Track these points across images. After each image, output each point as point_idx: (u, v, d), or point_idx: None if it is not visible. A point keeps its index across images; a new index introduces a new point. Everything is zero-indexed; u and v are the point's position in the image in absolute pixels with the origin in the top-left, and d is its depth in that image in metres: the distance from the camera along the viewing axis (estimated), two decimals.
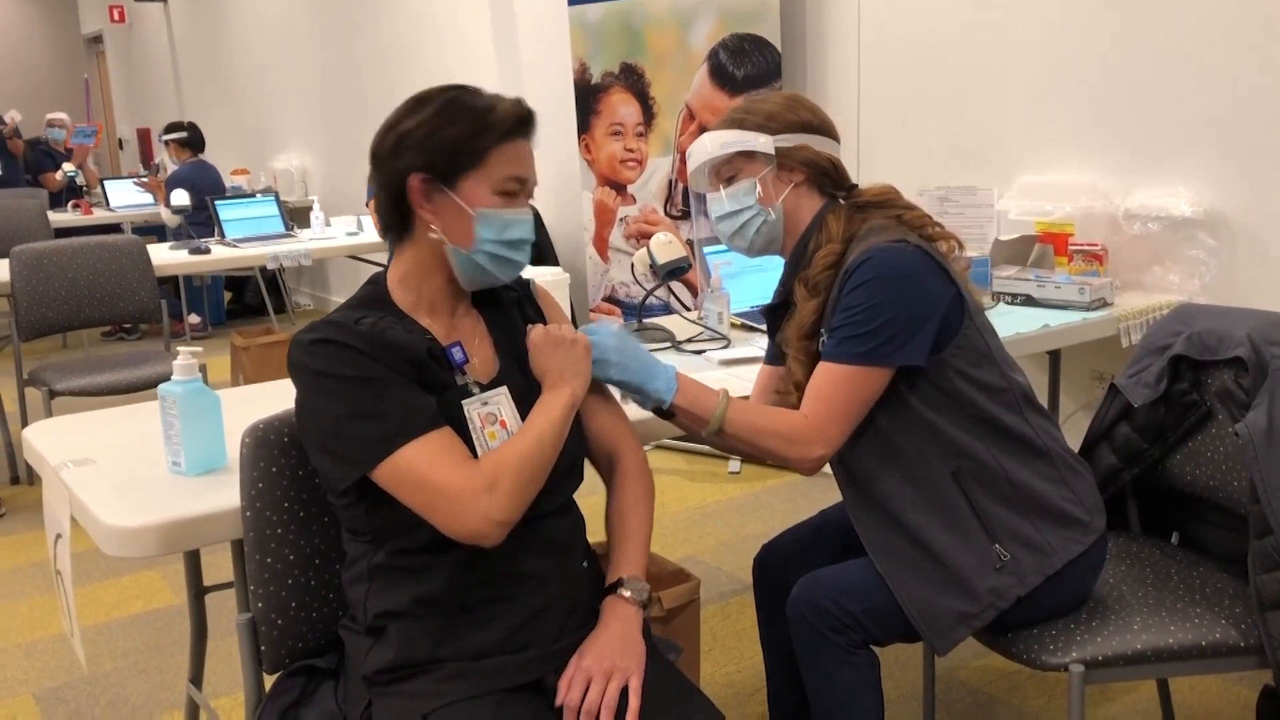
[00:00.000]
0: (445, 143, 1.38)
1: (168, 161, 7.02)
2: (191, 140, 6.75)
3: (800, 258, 1.72)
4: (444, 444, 1.33)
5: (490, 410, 1.42)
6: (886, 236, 1.62)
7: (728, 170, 1.74)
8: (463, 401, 1.39)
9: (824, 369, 1.61)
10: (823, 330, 1.65)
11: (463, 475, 1.30)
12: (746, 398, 1.91)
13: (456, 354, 1.42)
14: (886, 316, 1.55)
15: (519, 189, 1.43)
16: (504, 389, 1.44)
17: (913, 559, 1.64)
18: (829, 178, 1.73)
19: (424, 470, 1.30)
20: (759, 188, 1.70)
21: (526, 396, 1.46)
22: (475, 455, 1.37)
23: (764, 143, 1.69)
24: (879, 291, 1.57)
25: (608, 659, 1.38)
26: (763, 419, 1.60)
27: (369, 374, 1.33)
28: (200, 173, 6.61)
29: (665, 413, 1.63)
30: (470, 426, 1.39)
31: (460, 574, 1.37)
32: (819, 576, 1.70)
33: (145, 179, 7.26)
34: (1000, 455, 1.65)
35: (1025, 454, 1.67)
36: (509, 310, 1.54)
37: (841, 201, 1.73)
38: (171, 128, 6.85)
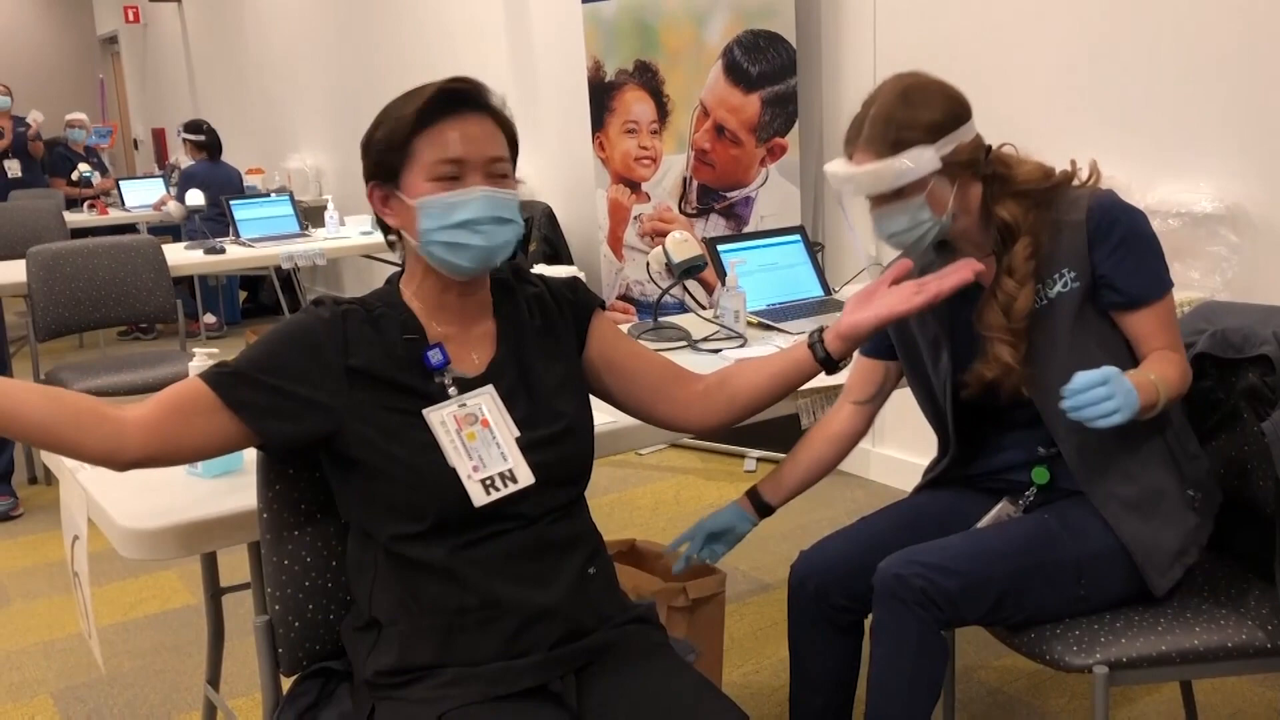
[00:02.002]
0: (379, 145, 1.41)
1: (183, 158, 7.03)
2: (209, 144, 6.74)
3: (1000, 248, 1.71)
4: (179, 392, 1.34)
5: (470, 411, 1.41)
6: (1090, 191, 1.70)
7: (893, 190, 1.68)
8: (424, 410, 1.39)
9: (1152, 310, 1.68)
10: (1062, 275, 1.68)
11: (133, 410, 1.32)
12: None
13: (434, 356, 1.41)
14: (1156, 237, 1.68)
15: (456, 171, 1.40)
16: (489, 388, 1.43)
17: (1133, 501, 1.69)
18: (980, 160, 1.71)
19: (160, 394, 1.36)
20: (929, 202, 1.66)
21: (520, 396, 1.45)
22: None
23: (929, 159, 1.63)
24: (1140, 225, 1.66)
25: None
26: (1171, 379, 1.64)
27: (292, 343, 1.38)
28: (211, 171, 6.62)
29: None
30: (434, 431, 1.38)
31: (456, 571, 1.37)
32: (914, 553, 1.67)
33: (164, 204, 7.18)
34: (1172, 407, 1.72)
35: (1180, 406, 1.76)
36: (520, 306, 1.52)
37: (988, 180, 1.71)
38: (192, 127, 6.83)
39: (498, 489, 1.38)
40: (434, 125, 1.39)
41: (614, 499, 3.79)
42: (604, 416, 1.85)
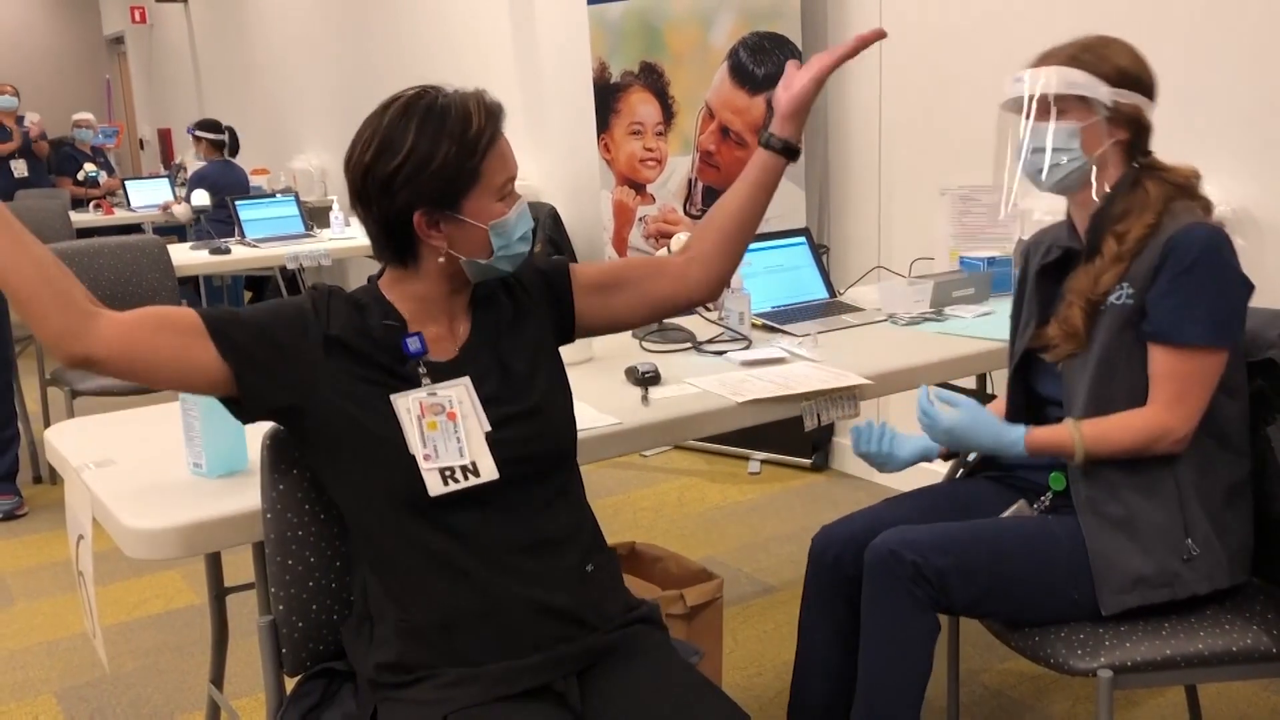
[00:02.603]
0: (438, 172, 1.36)
1: (191, 158, 7.02)
2: (224, 143, 6.70)
3: (1104, 213, 1.71)
4: (164, 309, 1.35)
5: (438, 400, 1.41)
6: (1200, 219, 1.65)
7: (1057, 104, 1.71)
8: (391, 396, 1.40)
9: (1170, 352, 1.63)
10: (1120, 288, 1.67)
11: (110, 311, 1.32)
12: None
13: (412, 344, 1.42)
14: (1233, 295, 1.64)
15: (511, 187, 1.43)
16: (465, 379, 1.43)
17: (1115, 520, 1.66)
18: (1141, 142, 1.74)
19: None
20: (1083, 134, 1.69)
21: (491, 372, 1.45)
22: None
23: (1105, 93, 1.68)
24: (1215, 270, 1.61)
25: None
26: (1119, 431, 1.64)
27: (276, 313, 1.40)
28: (224, 172, 6.61)
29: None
30: (398, 415, 1.39)
31: (449, 564, 1.38)
32: (909, 530, 1.69)
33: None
34: (1218, 464, 1.68)
35: (1236, 471, 1.70)
36: (495, 293, 1.53)
37: (1140, 166, 1.73)
38: (208, 125, 6.79)
39: (457, 481, 1.38)
40: (495, 145, 1.39)
41: (617, 501, 3.79)
42: (607, 418, 1.85)
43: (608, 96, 4.32)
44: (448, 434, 1.40)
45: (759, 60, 3.81)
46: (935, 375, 2.26)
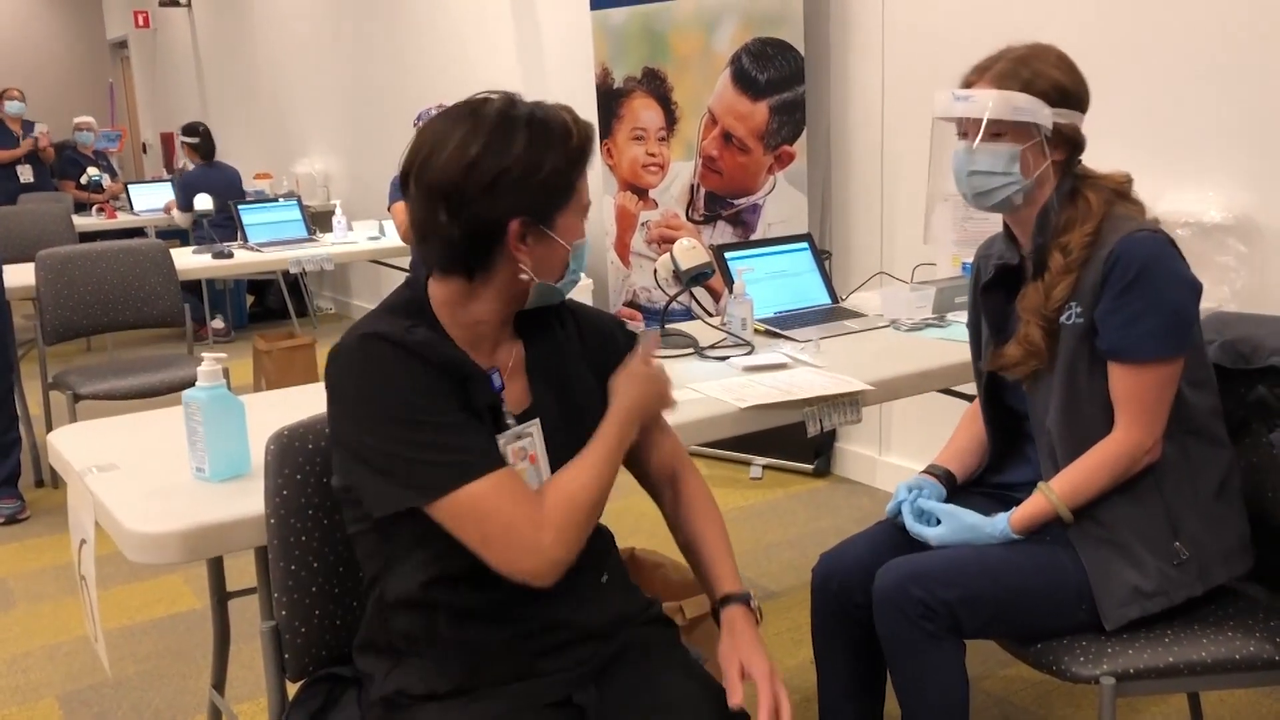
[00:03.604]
0: (544, 181, 1.29)
1: (188, 163, 7.04)
2: (200, 146, 6.71)
3: (1044, 226, 1.70)
4: (507, 481, 1.27)
5: (522, 445, 1.36)
6: (1139, 225, 1.63)
7: (995, 127, 1.68)
8: (498, 435, 1.34)
9: (1127, 370, 1.62)
10: (1069, 307, 1.66)
11: (524, 513, 1.26)
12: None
13: (496, 380, 1.36)
14: (1180, 302, 1.61)
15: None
16: (536, 422, 1.39)
17: (1105, 536, 1.66)
18: (1075, 156, 1.72)
19: (488, 508, 1.25)
20: (1022, 157, 1.67)
21: (561, 428, 1.41)
22: None
23: (1045, 115, 1.66)
24: (1159, 279, 1.59)
25: (765, 660, 1.42)
26: (1094, 472, 1.64)
27: (430, 394, 1.27)
28: (205, 176, 6.58)
29: None
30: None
31: (476, 609, 1.35)
32: (912, 562, 1.67)
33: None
34: (1199, 460, 1.68)
35: (1219, 463, 1.70)
36: (551, 332, 1.46)
37: (1076, 176, 1.72)
38: (187, 130, 6.81)
39: None
40: (587, 166, 1.36)
41: (619, 506, 3.77)
42: None
43: (610, 102, 4.32)
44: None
45: (762, 66, 3.82)
46: (937, 381, 2.26)
